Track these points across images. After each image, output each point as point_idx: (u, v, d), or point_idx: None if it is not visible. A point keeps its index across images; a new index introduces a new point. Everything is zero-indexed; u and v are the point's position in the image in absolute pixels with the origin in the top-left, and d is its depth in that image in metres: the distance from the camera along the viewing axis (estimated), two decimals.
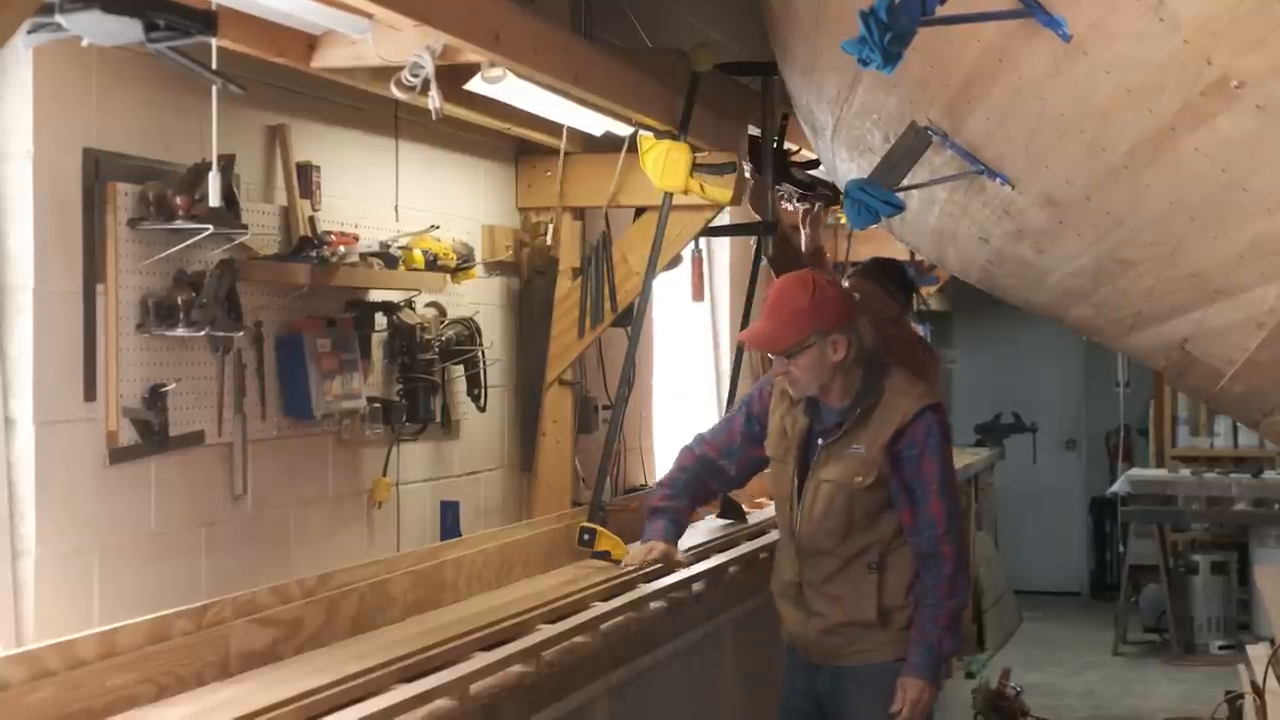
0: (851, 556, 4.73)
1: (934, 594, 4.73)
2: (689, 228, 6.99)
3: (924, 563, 4.74)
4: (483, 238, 6.75)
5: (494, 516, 6.81)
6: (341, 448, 5.70)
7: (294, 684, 3.93)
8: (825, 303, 4.74)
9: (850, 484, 4.70)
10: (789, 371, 4.71)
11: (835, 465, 4.73)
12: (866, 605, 4.72)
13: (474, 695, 4.23)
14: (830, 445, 4.75)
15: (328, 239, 5.31)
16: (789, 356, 4.68)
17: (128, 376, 4.55)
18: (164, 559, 4.73)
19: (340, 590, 4.68)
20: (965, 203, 5.12)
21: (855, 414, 4.71)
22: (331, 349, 5.41)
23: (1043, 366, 14.53)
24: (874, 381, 4.74)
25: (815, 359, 4.68)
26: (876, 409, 4.71)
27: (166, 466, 4.74)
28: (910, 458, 4.69)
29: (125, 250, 4.52)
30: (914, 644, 4.75)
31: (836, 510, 4.71)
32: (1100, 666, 11.31)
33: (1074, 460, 14.97)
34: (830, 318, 4.71)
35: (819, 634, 4.82)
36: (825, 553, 4.75)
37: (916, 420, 4.69)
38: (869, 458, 4.69)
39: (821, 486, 4.74)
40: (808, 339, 4.66)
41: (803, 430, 4.81)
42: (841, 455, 4.73)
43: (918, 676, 4.73)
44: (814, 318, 4.66)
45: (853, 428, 4.72)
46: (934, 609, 4.73)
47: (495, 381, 6.72)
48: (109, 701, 3.69)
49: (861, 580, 4.73)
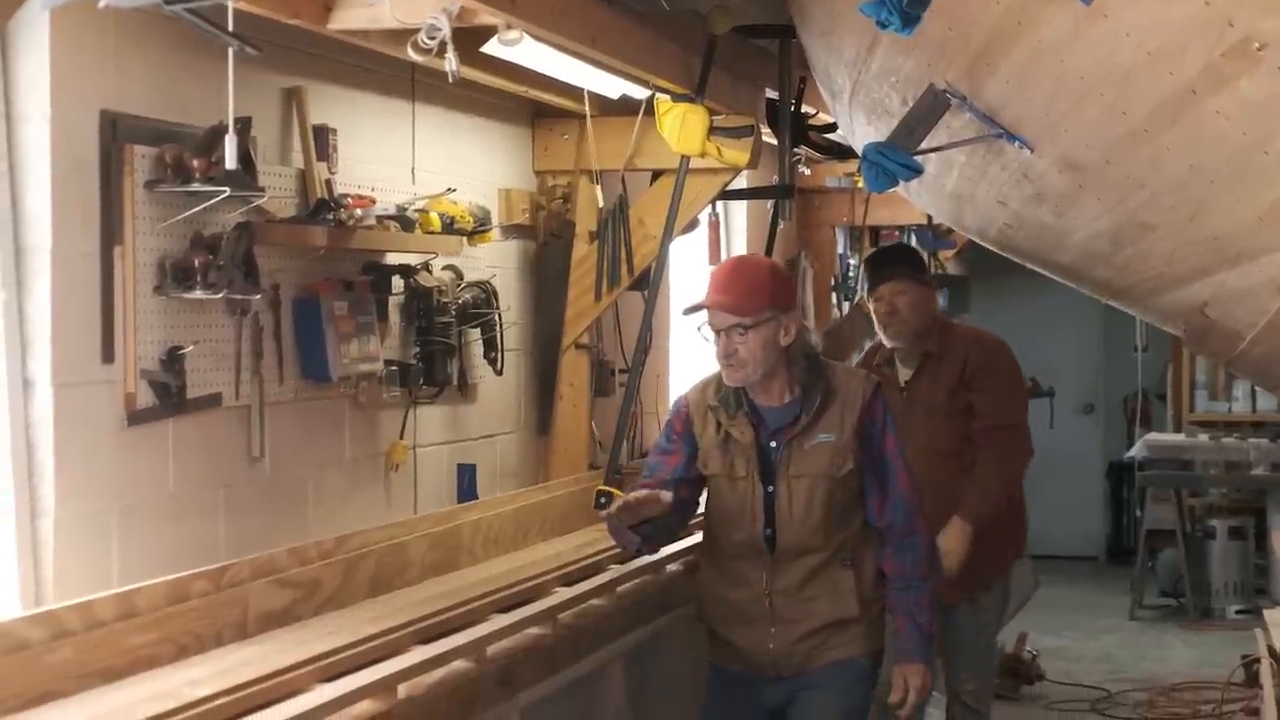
0: (833, 553, 4.51)
1: (914, 575, 4.56)
2: (706, 191, 6.99)
3: (899, 544, 4.55)
4: (499, 201, 6.75)
5: (510, 479, 6.83)
6: (358, 410, 5.71)
7: (312, 645, 3.95)
8: (783, 281, 4.61)
9: (828, 474, 4.47)
10: (735, 353, 4.43)
11: (805, 460, 4.48)
12: (848, 602, 4.51)
13: (490, 657, 4.25)
14: (789, 443, 4.49)
15: (344, 202, 5.31)
16: (743, 330, 4.41)
17: (145, 339, 4.56)
18: (182, 520, 4.75)
19: (358, 552, 4.70)
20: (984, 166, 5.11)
21: (815, 403, 4.48)
22: (348, 312, 5.42)
23: (1060, 331, 14.48)
24: (818, 372, 4.53)
25: (768, 338, 4.43)
26: (833, 396, 4.51)
27: (184, 428, 4.76)
28: (874, 435, 4.52)
29: (142, 212, 4.53)
30: (904, 630, 4.57)
31: (818, 504, 4.48)
32: (1117, 631, 11.29)
33: (1091, 425, 14.94)
34: (787, 297, 4.55)
35: (791, 643, 4.53)
36: (812, 551, 4.50)
37: (874, 399, 4.53)
38: (843, 443, 4.48)
39: (797, 483, 4.48)
40: (767, 313, 4.42)
41: (751, 438, 4.50)
42: (807, 449, 4.49)
43: (916, 661, 4.57)
44: (774, 293, 4.46)
45: (813, 419, 4.49)
46: (917, 591, 4.55)
47: (512, 345, 6.73)
48: (128, 661, 3.72)
49: (839, 577, 4.52)
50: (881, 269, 6.05)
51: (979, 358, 5.93)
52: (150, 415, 4.61)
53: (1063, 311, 13.85)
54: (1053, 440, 13.86)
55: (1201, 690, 9.09)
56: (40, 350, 4.29)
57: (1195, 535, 11.98)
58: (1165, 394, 13.75)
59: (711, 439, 4.55)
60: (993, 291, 14.00)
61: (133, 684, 3.64)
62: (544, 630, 4.59)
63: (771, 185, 7.78)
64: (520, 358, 6.95)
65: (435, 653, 4.05)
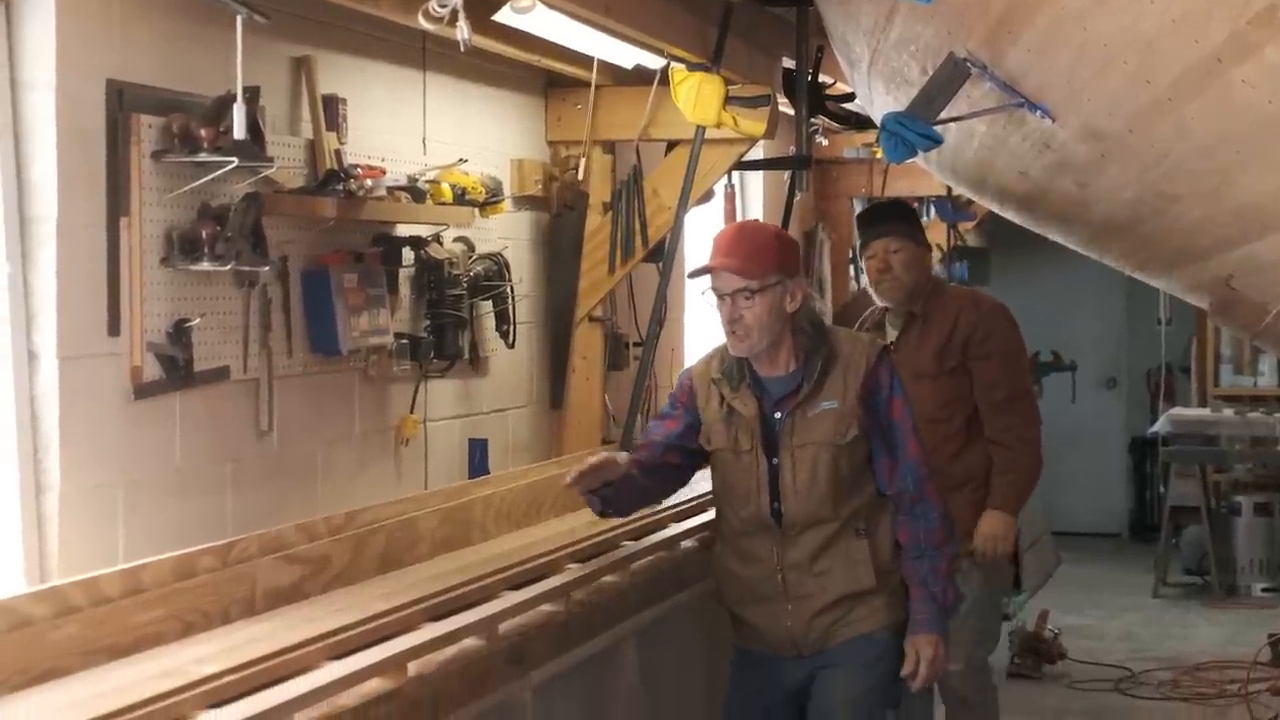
0: (844, 523, 4.47)
1: (928, 543, 4.51)
2: (721, 162, 6.98)
3: (911, 511, 4.51)
4: (511, 172, 6.74)
5: (523, 454, 6.83)
6: (368, 384, 5.71)
7: (321, 622, 3.95)
8: (789, 246, 4.57)
9: (832, 441, 4.43)
10: (740, 319, 4.39)
11: (808, 428, 4.45)
12: (864, 572, 4.47)
13: (502, 635, 4.26)
14: (792, 412, 4.45)
15: (354, 172, 5.30)
16: (749, 295, 4.38)
17: (152, 311, 4.56)
18: (189, 495, 4.76)
19: (367, 528, 4.70)
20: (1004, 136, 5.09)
21: (816, 370, 4.44)
22: (358, 284, 5.42)
23: (1083, 303, 14.47)
24: (821, 339, 4.49)
25: (774, 304, 4.39)
26: (835, 361, 4.47)
27: (191, 402, 4.76)
28: (880, 401, 4.48)
29: (149, 183, 4.52)
30: (919, 600, 4.52)
31: (823, 473, 4.43)
32: (1140, 609, 11.29)
33: (1114, 399, 14.93)
34: (793, 262, 4.52)
35: (809, 619, 4.50)
36: (822, 522, 4.45)
37: (879, 364, 4.49)
38: (846, 410, 4.44)
39: (800, 453, 4.43)
40: (773, 277, 4.39)
41: (755, 410, 4.47)
42: (810, 417, 4.45)
43: (929, 632, 4.51)
44: (780, 257, 4.43)
45: (815, 386, 4.45)
46: (932, 559, 4.51)
47: (524, 318, 6.72)
48: (134, 639, 3.72)
49: (853, 548, 4.48)
50: (875, 224, 5.96)
51: (974, 319, 5.77)
52: (157, 389, 4.61)
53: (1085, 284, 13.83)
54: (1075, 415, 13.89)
55: (1227, 669, 9.09)
56: (45, 322, 4.29)
57: (1220, 511, 11.97)
58: (1189, 368, 13.72)
59: (715, 413, 4.53)
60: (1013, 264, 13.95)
61: (138, 661, 3.64)
62: (556, 607, 4.59)
63: (788, 156, 7.77)
64: (532, 331, 6.94)
65: (446, 630, 4.05)
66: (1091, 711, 8.58)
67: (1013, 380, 5.80)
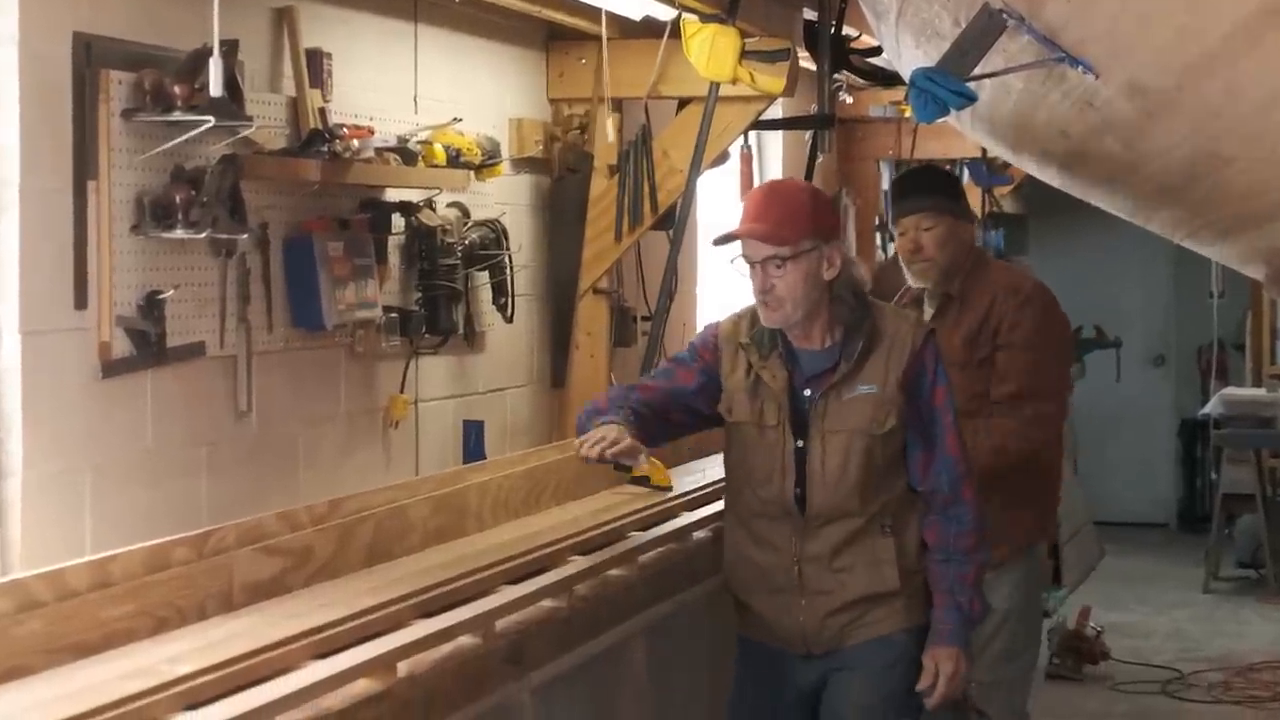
0: (870, 518, 4.43)
1: (959, 548, 4.47)
2: (737, 121, 6.97)
3: (944, 513, 4.47)
4: (510, 131, 6.74)
5: (521, 437, 6.84)
6: (355, 361, 5.72)
7: (304, 618, 3.96)
8: (824, 208, 4.51)
9: (868, 430, 4.38)
10: (772, 289, 4.34)
11: (843, 413, 4.39)
12: (888, 573, 4.44)
13: (499, 632, 4.26)
14: (826, 393, 4.39)
15: (340, 132, 5.31)
16: (781, 263, 4.33)
17: (122, 282, 4.57)
18: (162, 481, 4.77)
19: (354, 517, 4.70)
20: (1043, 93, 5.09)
21: (856, 349, 4.39)
22: (344, 253, 5.42)
23: (1128, 275, 14.47)
24: (863, 313, 4.44)
25: (809, 271, 4.34)
26: (878, 340, 4.42)
27: (164, 380, 4.77)
28: (922, 388, 4.43)
29: (119, 144, 4.53)
30: (942, 609, 4.48)
31: (855, 464, 4.38)
32: (1189, 605, 11.31)
33: (1162, 378, 14.93)
34: (830, 226, 4.46)
35: (823, 617, 4.46)
36: (848, 515, 4.41)
37: (925, 347, 4.44)
38: (886, 396, 4.39)
39: (832, 439, 4.38)
40: (808, 242, 4.33)
41: (784, 383, 4.43)
42: (845, 399, 4.39)
43: (951, 645, 4.47)
44: (815, 220, 4.37)
45: (854, 366, 4.40)
46: (960, 566, 4.47)
47: (523, 289, 6.72)
48: (102, 635, 3.73)
49: (878, 546, 4.44)
50: (907, 197, 5.71)
51: (1007, 305, 5.53)
52: (126, 366, 4.62)
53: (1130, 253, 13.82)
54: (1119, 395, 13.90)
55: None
56: (7, 295, 4.30)
57: (1276, 500, 11.98)
58: (1243, 344, 13.72)
59: (740, 381, 4.48)
60: (1053, 231, 13.96)
61: (107, 660, 3.64)
62: (558, 603, 4.59)
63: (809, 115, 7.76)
64: (532, 304, 6.95)
65: (439, 627, 4.05)
66: (1136, 715, 8.60)
67: (1027, 378, 5.48)
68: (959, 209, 5.73)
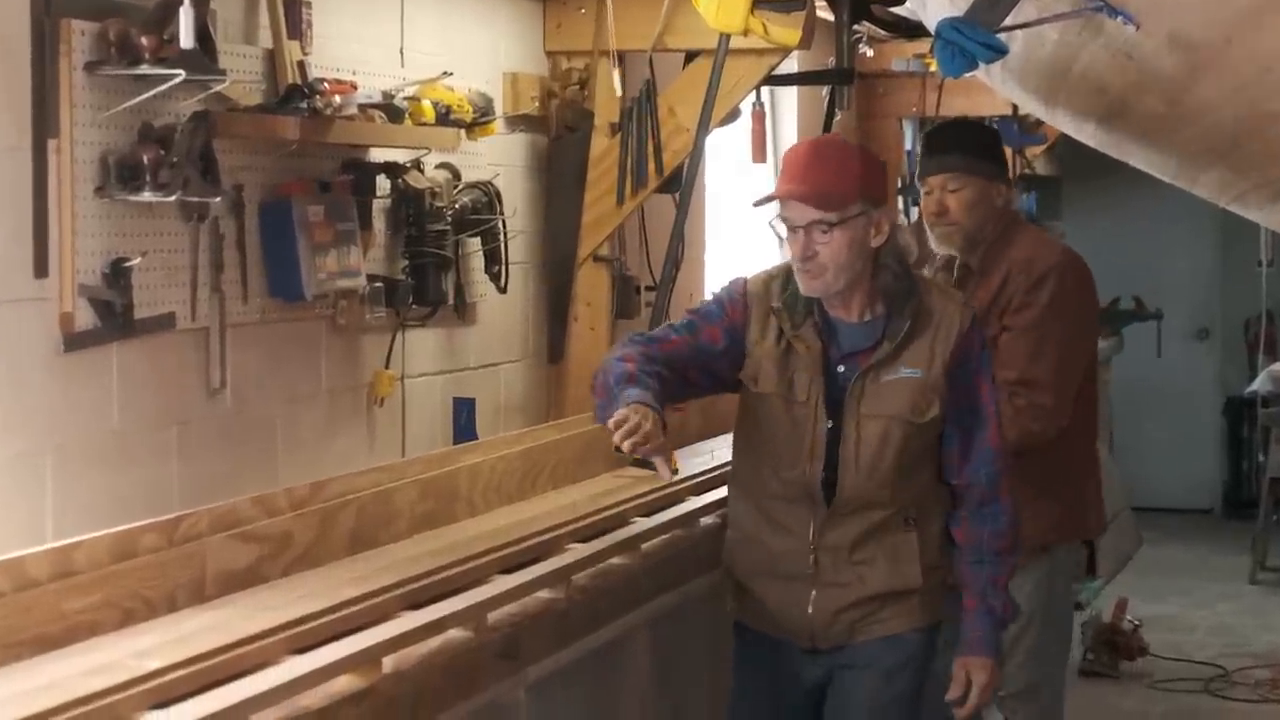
0: (896, 510, 4.40)
1: (993, 549, 4.46)
2: (749, 76, 6.96)
3: (978, 511, 4.46)
4: (504, 87, 6.74)
5: (516, 416, 6.84)
6: (337, 334, 5.72)
7: (282, 610, 3.97)
8: (875, 169, 4.47)
9: (909, 417, 4.34)
10: (814, 256, 4.28)
11: (882, 396, 4.34)
12: (909, 570, 4.42)
13: (492, 625, 4.27)
14: (865, 373, 4.34)
15: (320, 87, 5.30)
16: (827, 228, 4.27)
17: (85, 249, 4.57)
18: (128, 463, 4.77)
19: (335, 501, 4.72)
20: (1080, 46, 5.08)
21: (902, 329, 4.33)
22: (325, 218, 5.42)
23: (1170, 242, 14.45)
24: (909, 284, 4.39)
25: (855, 238, 4.28)
26: (925, 320, 4.36)
27: (131, 355, 4.77)
28: (966, 374, 4.39)
29: (82, 99, 4.52)
30: (974, 615, 4.48)
31: (891, 453, 4.31)
32: (1234, 597, 11.32)
33: (1206, 353, 14.93)
34: (880, 188, 4.43)
35: (834, 612, 4.44)
36: (874, 507, 4.38)
37: (972, 329, 4.41)
38: (930, 382, 4.34)
39: (868, 424, 4.33)
40: (856, 207, 4.28)
41: (818, 356, 4.37)
42: (884, 381, 4.34)
43: (985, 655, 4.48)
44: (865, 182, 4.32)
45: (898, 346, 4.34)
46: (994, 568, 4.47)
47: (518, 257, 6.73)
48: (65, 628, 3.74)
49: (900, 540, 4.42)
50: (934, 154, 5.59)
51: (1019, 283, 5.37)
52: (91, 339, 4.62)
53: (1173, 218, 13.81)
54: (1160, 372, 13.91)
55: None
56: None
57: None
58: None
59: (770, 350, 4.41)
60: (1089, 195, 13.95)
61: (70, 655, 3.66)
62: (555, 594, 4.61)
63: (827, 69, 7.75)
64: (528, 272, 6.95)
65: (427, 620, 4.06)
66: (1176, 715, 8.61)
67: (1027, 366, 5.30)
68: (993, 170, 5.61)
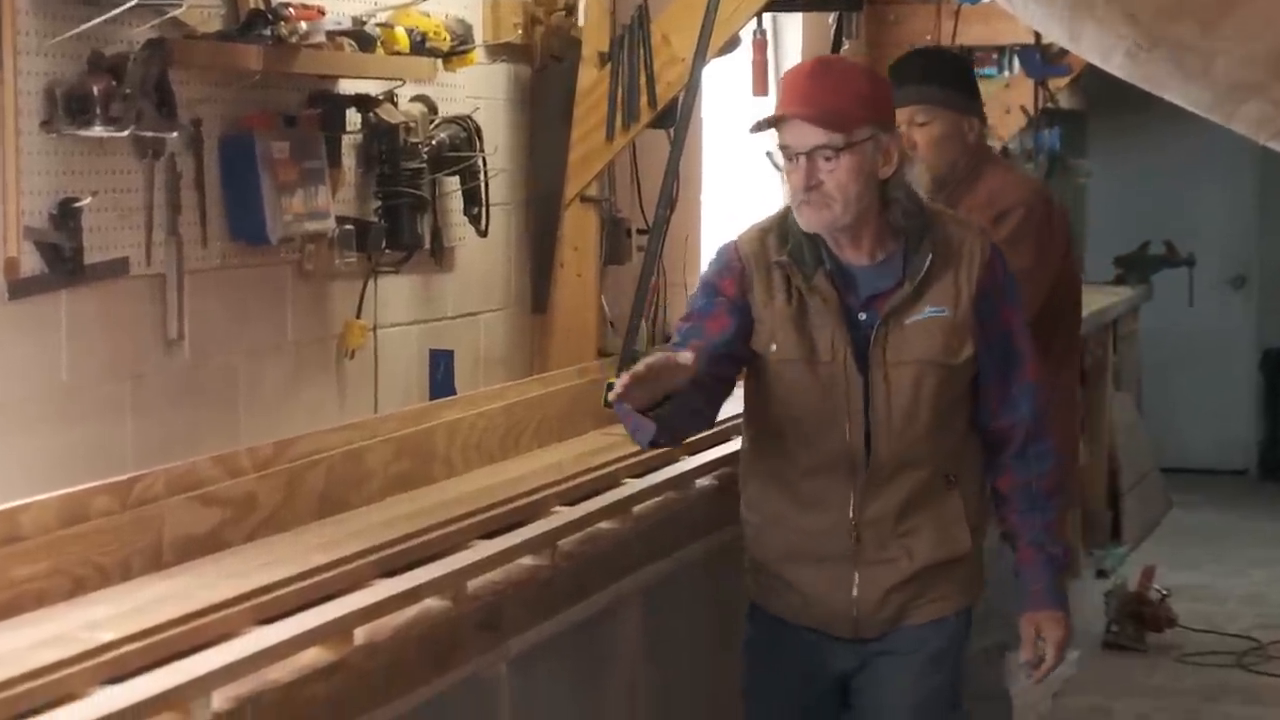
0: (935, 468, 4.33)
1: (1042, 490, 4.42)
2: (749, 1, 6.95)
3: (1022, 453, 4.41)
4: (484, 12, 6.71)
5: (497, 369, 6.84)
6: (303, 281, 5.71)
7: (245, 577, 3.98)
8: (883, 90, 4.39)
9: (942, 360, 4.28)
10: (819, 185, 4.18)
11: (908, 340, 4.27)
12: (958, 534, 4.36)
13: (472, 594, 4.28)
14: (888, 317, 4.27)
15: (285, 13, 5.27)
16: (833, 153, 4.17)
17: (31, 188, 4.56)
18: (79, 419, 4.77)
19: (303, 461, 4.72)
20: None
21: (924, 265, 4.26)
22: (290, 155, 5.41)
23: (1204, 182, 14.44)
24: (921, 219, 4.32)
25: (863, 166, 4.19)
26: (946, 253, 4.30)
27: (81, 303, 4.76)
28: (993, 308, 4.34)
29: (26, 25, 4.50)
30: (1032, 566, 4.43)
31: (926, 402, 4.28)
32: (1270, 564, 11.34)
33: (1242, 302, 14.94)
34: (890, 112, 4.35)
35: (884, 593, 4.36)
36: (914, 466, 4.30)
37: (994, 257, 4.35)
38: (959, 319, 4.28)
39: (897, 372, 4.26)
40: (864, 130, 4.19)
41: (837, 306, 4.28)
42: (908, 324, 4.27)
43: (1056, 609, 4.43)
44: (873, 104, 4.24)
45: (920, 284, 4.27)
46: (1046, 513, 4.43)
47: (500, 198, 6.72)
48: (11, 597, 3.74)
49: (944, 501, 4.36)
50: (901, 83, 5.40)
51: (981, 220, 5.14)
52: (37, 286, 4.61)
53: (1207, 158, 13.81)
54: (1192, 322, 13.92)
55: None
56: None
57: None
58: None
59: (781, 310, 4.33)
60: (1117, 132, 13.94)
61: (17, 626, 3.66)
62: (540, 561, 4.61)
63: None
64: (510, 214, 6.94)
65: (402, 588, 4.07)
66: (1207, 690, 8.63)
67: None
68: (964, 103, 5.61)
